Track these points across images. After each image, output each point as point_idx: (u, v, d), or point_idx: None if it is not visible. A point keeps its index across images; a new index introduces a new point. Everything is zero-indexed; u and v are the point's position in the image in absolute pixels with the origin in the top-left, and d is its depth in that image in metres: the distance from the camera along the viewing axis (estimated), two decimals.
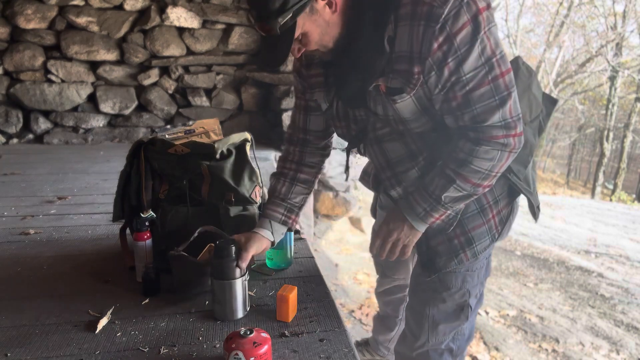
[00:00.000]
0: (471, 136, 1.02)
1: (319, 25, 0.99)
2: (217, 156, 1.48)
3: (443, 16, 0.91)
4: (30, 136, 3.90)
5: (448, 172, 1.06)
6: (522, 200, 1.27)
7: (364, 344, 2.02)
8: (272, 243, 1.31)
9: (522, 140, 1.04)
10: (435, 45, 0.93)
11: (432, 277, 1.23)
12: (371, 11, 1.00)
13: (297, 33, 0.98)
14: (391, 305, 1.78)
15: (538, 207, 1.24)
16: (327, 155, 1.38)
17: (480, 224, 1.18)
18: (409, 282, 1.44)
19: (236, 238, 1.26)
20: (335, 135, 1.34)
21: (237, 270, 1.18)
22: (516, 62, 1.19)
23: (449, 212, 1.11)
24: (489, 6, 0.94)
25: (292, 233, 1.53)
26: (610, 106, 13.82)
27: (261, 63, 1.07)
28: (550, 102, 1.26)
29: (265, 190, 1.70)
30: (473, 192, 1.07)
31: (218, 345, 1.11)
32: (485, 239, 1.19)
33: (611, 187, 14.93)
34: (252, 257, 1.52)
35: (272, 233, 1.31)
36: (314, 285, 1.42)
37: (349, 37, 1.03)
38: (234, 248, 1.18)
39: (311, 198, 3.77)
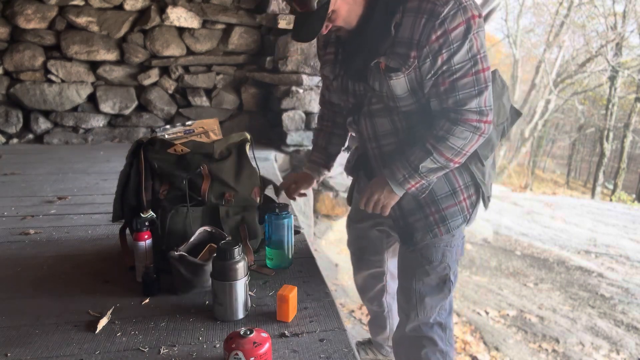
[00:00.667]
0: (451, 117, 1.21)
1: (347, 2, 1.18)
2: (217, 156, 1.48)
3: (443, 14, 1.10)
4: (30, 136, 3.90)
5: (428, 146, 1.24)
6: (523, 201, 1.31)
7: (366, 343, 2.03)
8: (317, 181, 1.63)
9: (491, 128, 1.24)
10: (434, 37, 1.13)
11: (410, 249, 1.40)
12: None
13: (330, 9, 1.15)
14: (375, 301, 1.82)
15: (489, 198, 1.43)
16: None
17: (453, 204, 1.36)
18: (397, 266, 1.53)
19: (290, 177, 1.63)
20: None
21: (239, 272, 1.18)
22: (494, 74, 1.37)
23: (423, 181, 1.29)
24: (480, 15, 1.15)
25: (292, 233, 1.53)
26: (610, 106, 13.81)
27: (294, 38, 1.21)
28: (515, 113, 1.47)
29: (265, 190, 1.71)
30: (445, 165, 1.26)
31: (218, 345, 1.11)
32: (458, 217, 1.37)
33: (611, 187, 14.92)
34: (252, 257, 1.52)
35: (318, 174, 1.63)
36: (314, 285, 1.42)
37: (366, 17, 1.21)
38: (236, 250, 1.19)
39: (311, 198, 3.77)
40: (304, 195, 1.66)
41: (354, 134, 1.47)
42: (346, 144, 1.64)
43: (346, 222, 1.77)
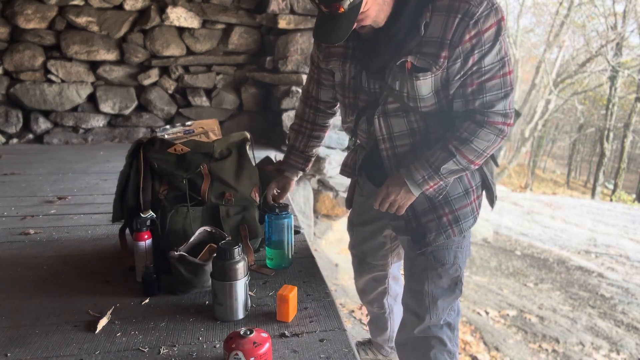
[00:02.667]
0: (477, 119, 1.20)
1: (378, 3, 1.14)
2: (217, 156, 1.48)
3: (477, 14, 1.10)
4: (30, 136, 3.90)
5: (450, 147, 1.22)
6: (523, 201, 1.32)
7: (366, 344, 2.02)
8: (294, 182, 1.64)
9: (511, 131, 1.24)
10: (467, 36, 1.11)
11: (423, 250, 1.37)
12: None
13: (361, 10, 1.10)
14: (376, 303, 1.80)
15: (496, 197, 1.43)
16: (335, 114, 1.61)
17: (466, 204, 1.35)
18: (405, 269, 1.51)
19: (272, 185, 1.61)
20: (335, 134, 1.47)
21: (239, 272, 1.18)
22: None
23: (441, 182, 1.28)
24: (504, 17, 1.14)
25: (292, 233, 1.53)
26: (610, 106, 13.81)
27: (320, 39, 1.16)
28: (515, 114, 1.44)
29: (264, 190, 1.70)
30: (466, 167, 1.25)
31: (218, 345, 1.11)
32: (469, 218, 1.37)
33: (611, 187, 14.92)
34: (252, 257, 1.52)
35: (297, 175, 1.64)
36: (314, 285, 1.42)
37: (394, 16, 1.17)
38: (236, 250, 1.18)
39: (311, 198, 3.77)
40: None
41: (361, 135, 1.41)
42: (319, 145, 1.63)
43: (347, 226, 1.74)
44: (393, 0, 1.16)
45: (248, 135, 1.56)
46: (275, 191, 1.63)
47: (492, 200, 1.43)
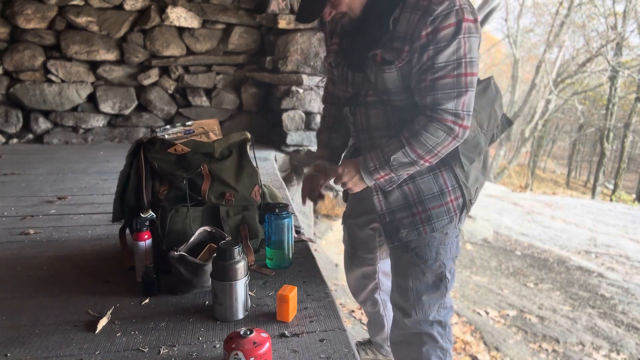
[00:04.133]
0: (427, 114, 1.24)
1: None
2: (217, 156, 1.48)
3: (436, 12, 1.14)
4: (30, 136, 3.90)
5: (402, 139, 1.26)
6: (523, 201, 1.31)
7: (366, 344, 2.03)
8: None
9: (467, 133, 1.24)
10: (424, 32, 1.16)
11: (395, 244, 1.42)
12: None
13: None
14: (369, 301, 1.82)
15: (470, 201, 1.43)
16: None
17: (439, 204, 1.37)
18: (391, 266, 1.54)
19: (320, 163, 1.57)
20: None
21: (239, 272, 1.18)
22: (488, 81, 1.41)
23: (392, 174, 1.32)
24: (475, 20, 1.17)
25: (292, 233, 1.53)
26: (610, 106, 13.81)
27: (297, 19, 1.26)
28: (507, 122, 1.48)
29: (265, 189, 1.70)
30: (415, 162, 1.27)
31: (218, 345, 1.11)
32: (444, 218, 1.38)
33: (611, 187, 14.92)
34: (252, 257, 1.52)
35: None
36: (314, 285, 1.42)
37: (370, 6, 1.25)
38: (236, 250, 1.18)
39: None
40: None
41: (350, 125, 1.48)
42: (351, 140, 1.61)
43: (342, 220, 1.79)
44: None
45: (248, 135, 1.56)
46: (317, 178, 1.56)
47: (465, 204, 1.42)
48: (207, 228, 1.41)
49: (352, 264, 1.78)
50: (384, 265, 1.73)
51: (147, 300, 1.32)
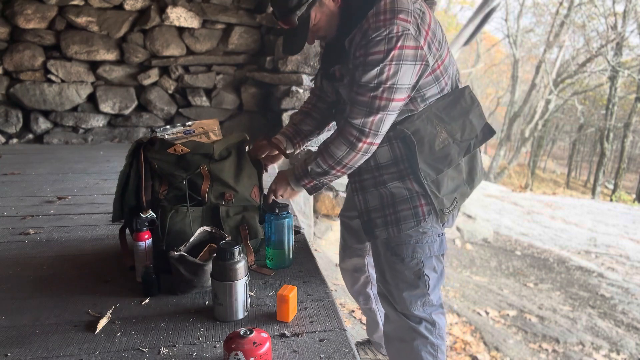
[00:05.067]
0: (341, 124, 1.37)
1: (326, 15, 1.32)
2: (217, 156, 1.48)
3: (370, 37, 1.23)
4: (30, 136, 3.90)
5: (320, 148, 1.40)
6: (523, 201, 1.30)
7: (366, 343, 2.03)
8: (284, 150, 1.68)
9: (372, 149, 1.33)
10: (358, 53, 1.27)
11: (370, 240, 1.51)
12: (353, 10, 1.30)
13: (312, 23, 1.30)
14: (361, 296, 1.88)
15: (442, 210, 1.42)
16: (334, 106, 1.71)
17: (407, 208, 1.41)
18: (374, 265, 1.60)
19: (258, 144, 1.71)
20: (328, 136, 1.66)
21: (239, 272, 1.18)
22: (462, 91, 1.43)
23: (315, 181, 1.44)
24: (412, 47, 1.22)
25: (292, 233, 1.53)
26: (610, 106, 13.81)
27: (285, 52, 1.38)
28: (489, 132, 1.49)
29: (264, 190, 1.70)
30: (328, 171, 1.39)
31: (218, 345, 1.11)
32: (410, 221, 1.41)
33: (611, 187, 14.93)
34: (252, 257, 1.52)
35: (283, 140, 1.69)
36: (314, 285, 1.42)
37: (342, 26, 1.33)
38: (236, 250, 1.18)
39: (311, 198, 3.77)
40: (269, 162, 1.74)
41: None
42: (323, 131, 1.74)
43: (339, 214, 1.86)
44: (339, 12, 1.32)
45: (246, 136, 1.57)
46: (263, 147, 1.71)
47: (436, 212, 1.41)
48: (207, 228, 1.41)
49: (345, 255, 1.85)
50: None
51: (147, 300, 1.32)
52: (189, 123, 1.72)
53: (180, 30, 3.95)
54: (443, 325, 1.56)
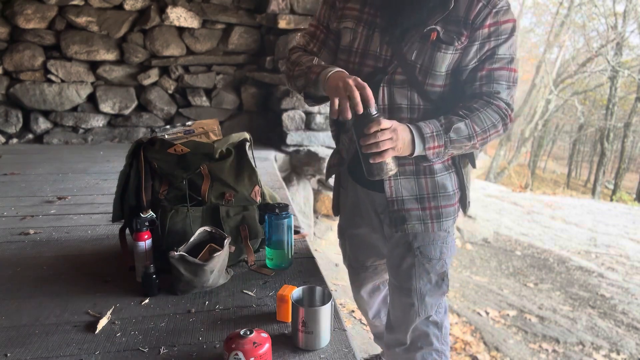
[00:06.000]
0: (484, 99, 1.23)
1: None
2: (217, 156, 1.48)
3: (499, 5, 1.17)
4: (30, 136, 3.89)
5: (461, 112, 1.21)
6: (523, 201, 1.32)
7: (376, 358, 1.99)
8: None
9: (510, 127, 1.28)
10: (488, 22, 1.17)
11: (398, 232, 1.37)
12: None
13: None
14: (382, 313, 1.78)
15: (469, 203, 1.43)
16: None
17: (451, 204, 1.36)
18: (390, 268, 1.48)
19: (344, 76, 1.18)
20: (327, 136, 1.44)
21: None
22: None
23: (443, 148, 1.20)
24: None
25: (292, 233, 1.53)
26: (610, 106, 13.81)
27: None
28: None
29: (264, 190, 1.70)
30: (472, 137, 1.20)
31: (218, 346, 1.11)
32: (451, 218, 1.38)
33: (611, 187, 14.92)
34: (253, 257, 1.52)
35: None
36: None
37: None
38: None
39: (311, 198, 3.77)
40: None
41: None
42: None
43: (338, 234, 1.69)
44: None
45: (248, 135, 1.56)
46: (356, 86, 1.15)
47: (464, 205, 1.42)
48: (207, 228, 1.41)
49: (360, 277, 1.69)
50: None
51: (147, 300, 1.32)
52: (189, 123, 1.72)
53: (180, 30, 3.94)
54: (448, 327, 1.53)
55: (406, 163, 1.30)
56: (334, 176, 1.59)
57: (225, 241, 1.37)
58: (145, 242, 1.39)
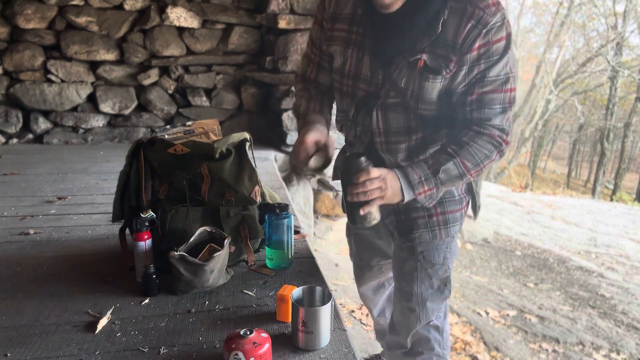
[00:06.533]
0: (474, 129, 1.17)
1: None
2: (217, 156, 1.48)
3: (490, 24, 1.07)
4: (30, 136, 3.89)
5: (449, 150, 1.17)
6: (523, 201, 1.32)
7: (376, 358, 1.99)
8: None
9: (507, 150, 1.21)
10: (477, 44, 1.08)
11: (406, 243, 1.36)
12: None
13: None
14: (387, 310, 1.78)
15: (479, 207, 1.42)
16: None
17: (457, 209, 1.35)
18: (394, 270, 1.49)
19: (307, 131, 1.24)
20: (335, 134, 1.43)
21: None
22: None
23: (434, 190, 1.18)
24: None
25: (292, 233, 1.53)
26: (610, 106, 13.82)
27: None
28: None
29: (264, 190, 1.70)
30: (462, 175, 1.18)
31: (218, 346, 1.11)
32: (458, 223, 1.36)
33: (611, 187, 14.92)
34: (253, 257, 1.52)
35: (325, 127, 1.32)
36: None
37: (412, 1, 1.09)
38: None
39: (311, 198, 3.77)
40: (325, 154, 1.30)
41: (356, 128, 1.32)
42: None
43: (346, 232, 1.70)
44: None
45: (248, 135, 1.56)
46: (311, 138, 1.24)
47: (474, 208, 1.42)
48: (207, 228, 1.41)
49: (365, 276, 1.70)
50: None
51: (147, 300, 1.32)
52: (189, 123, 1.72)
53: (180, 30, 3.94)
54: (448, 330, 1.52)
55: None
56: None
57: (225, 241, 1.37)
58: (145, 242, 1.39)
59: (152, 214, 1.44)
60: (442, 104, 1.19)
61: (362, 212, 1.15)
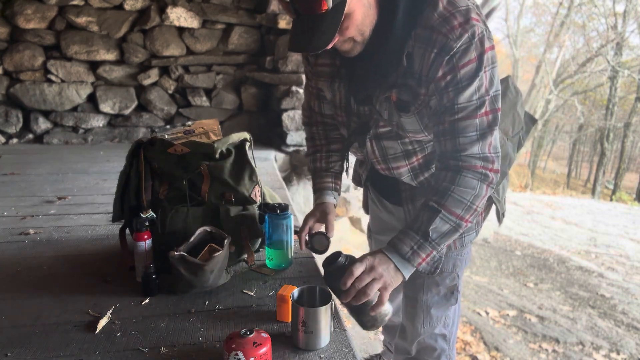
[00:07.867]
0: (452, 164, 1.07)
1: (363, 4, 0.97)
2: (217, 156, 1.48)
3: (454, 49, 0.98)
4: (30, 136, 3.89)
5: (432, 204, 1.07)
6: (523, 201, 1.30)
7: (376, 357, 1.99)
8: (334, 206, 1.41)
9: (499, 177, 1.10)
10: (441, 73, 1.00)
11: None
12: (402, 6, 1.00)
13: (345, 11, 0.93)
14: (400, 311, 1.77)
15: (503, 214, 1.35)
16: None
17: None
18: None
19: (311, 215, 1.36)
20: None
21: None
22: (506, 81, 1.32)
23: (434, 252, 1.08)
24: (493, 47, 1.02)
25: (292, 233, 1.53)
26: (610, 106, 13.83)
27: (299, 49, 0.96)
28: (530, 120, 1.40)
29: (264, 190, 1.70)
30: (458, 226, 1.07)
31: (218, 346, 1.11)
32: (473, 231, 1.33)
33: (611, 187, 14.93)
34: (253, 257, 1.52)
35: (334, 198, 1.40)
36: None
37: (379, 31, 1.03)
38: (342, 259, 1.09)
39: (311, 198, 3.76)
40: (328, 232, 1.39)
41: (357, 153, 1.36)
42: (345, 165, 1.46)
43: (367, 233, 1.70)
44: (377, 8, 1.02)
45: (248, 135, 1.56)
46: (312, 223, 1.36)
47: (499, 216, 1.38)
48: (207, 228, 1.41)
49: None
50: None
51: (147, 300, 1.32)
52: (189, 123, 1.72)
53: (180, 30, 3.95)
54: (455, 342, 1.49)
55: (418, 188, 1.26)
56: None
57: (225, 241, 1.37)
58: (145, 242, 1.39)
59: (152, 214, 1.44)
60: (430, 131, 1.14)
61: (372, 313, 1.06)
